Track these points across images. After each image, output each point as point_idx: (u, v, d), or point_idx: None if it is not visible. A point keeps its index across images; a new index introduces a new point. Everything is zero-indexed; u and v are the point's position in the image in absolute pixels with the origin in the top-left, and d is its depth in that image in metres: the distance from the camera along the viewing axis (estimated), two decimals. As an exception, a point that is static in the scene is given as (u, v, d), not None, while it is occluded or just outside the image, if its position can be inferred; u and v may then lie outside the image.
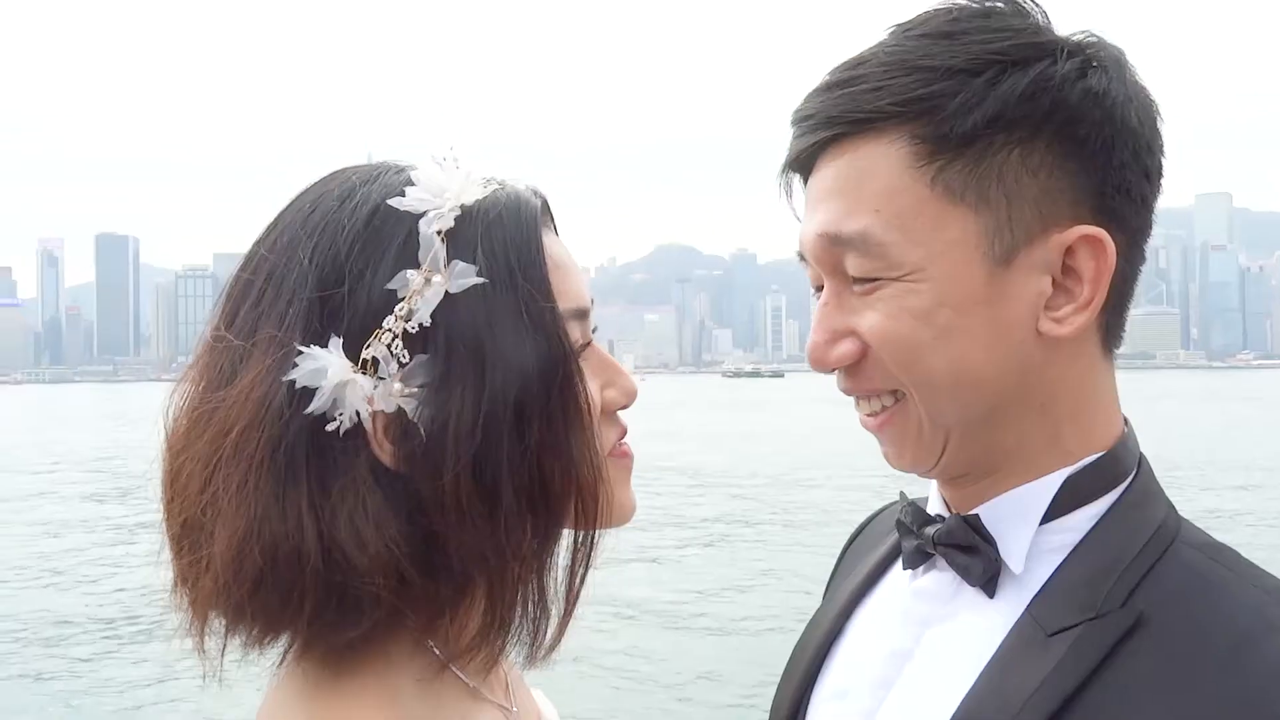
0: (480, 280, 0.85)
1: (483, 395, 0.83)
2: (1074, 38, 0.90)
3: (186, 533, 0.85)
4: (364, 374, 0.83)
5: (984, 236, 0.87)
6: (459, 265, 0.85)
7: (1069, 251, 0.88)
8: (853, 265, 0.90)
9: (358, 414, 0.83)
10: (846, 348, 0.92)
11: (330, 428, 0.82)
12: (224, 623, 0.86)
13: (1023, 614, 0.88)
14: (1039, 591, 0.88)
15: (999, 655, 0.86)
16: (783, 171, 0.98)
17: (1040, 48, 0.88)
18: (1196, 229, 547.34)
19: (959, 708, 0.85)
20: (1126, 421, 0.97)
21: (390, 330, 0.83)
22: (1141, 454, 0.96)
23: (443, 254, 0.85)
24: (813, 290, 0.98)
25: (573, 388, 0.87)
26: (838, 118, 0.90)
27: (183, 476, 0.85)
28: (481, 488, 0.83)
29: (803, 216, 0.96)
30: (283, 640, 0.87)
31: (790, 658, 1.11)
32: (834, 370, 0.94)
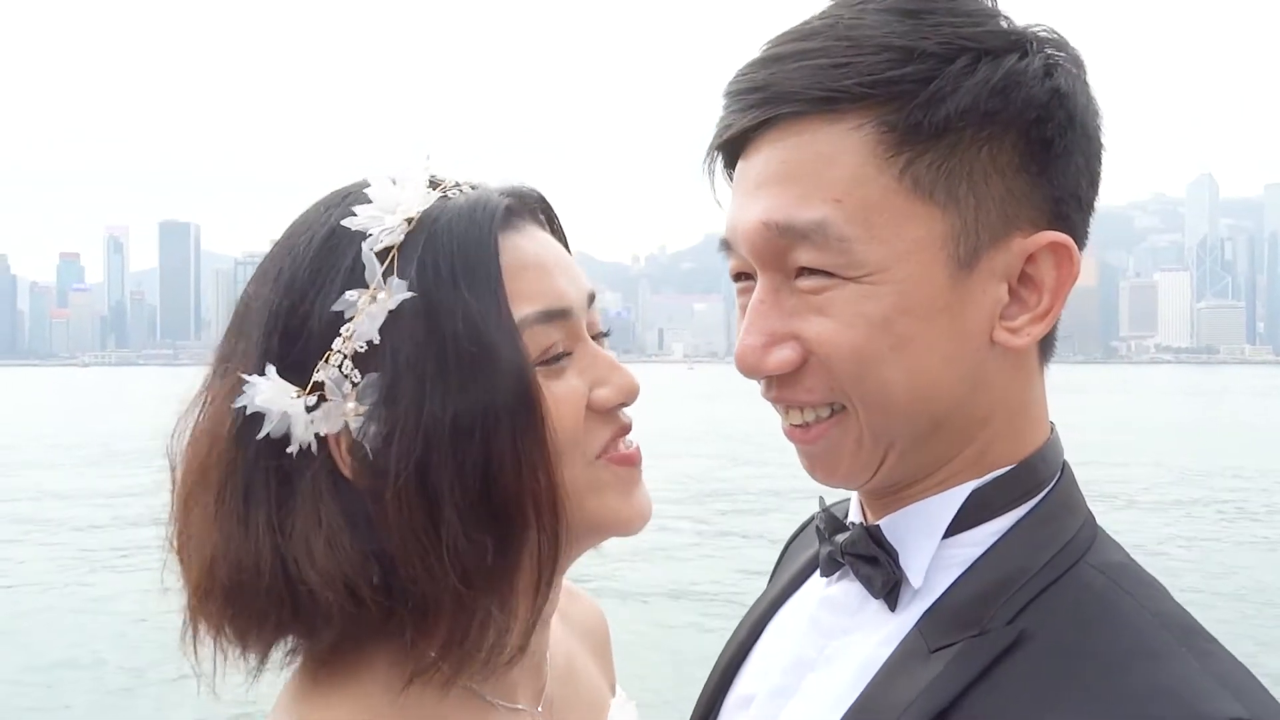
0: (410, 295, 0.85)
1: (423, 409, 0.83)
2: (1039, 32, 0.85)
3: (179, 557, 0.91)
4: (312, 396, 0.85)
5: (950, 238, 0.81)
6: (394, 281, 0.85)
7: (1030, 259, 0.84)
8: (805, 258, 0.82)
9: (318, 434, 0.86)
10: (785, 354, 0.84)
11: (290, 449, 0.86)
12: (210, 637, 0.90)
13: (912, 628, 0.85)
14: (930, 607, 0.85)
15: (882, 670, 0.84)
16: (712, 149, 0.89)
17: (1009, 38, 0.82)
18: (1265, 219, 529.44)
19: None
20: (1053, 428, 0.92)
21: (340, 352, 0.85)
22: (1065, 463, 0.91)
23: (379, 271, 0.85)
24: (734, 281, 0.91)
25: (525, 395, 0.85)
26: (795, 93, 0.82)
27: (175, 502, 0.92)
28: (425, 503, 0.83)
29: (735, 201, 0.88)
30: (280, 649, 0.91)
31: (713, 665, 1.08)
32: (765, 377, 0.87)
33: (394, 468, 0.83)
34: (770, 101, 0.83)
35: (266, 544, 0.84)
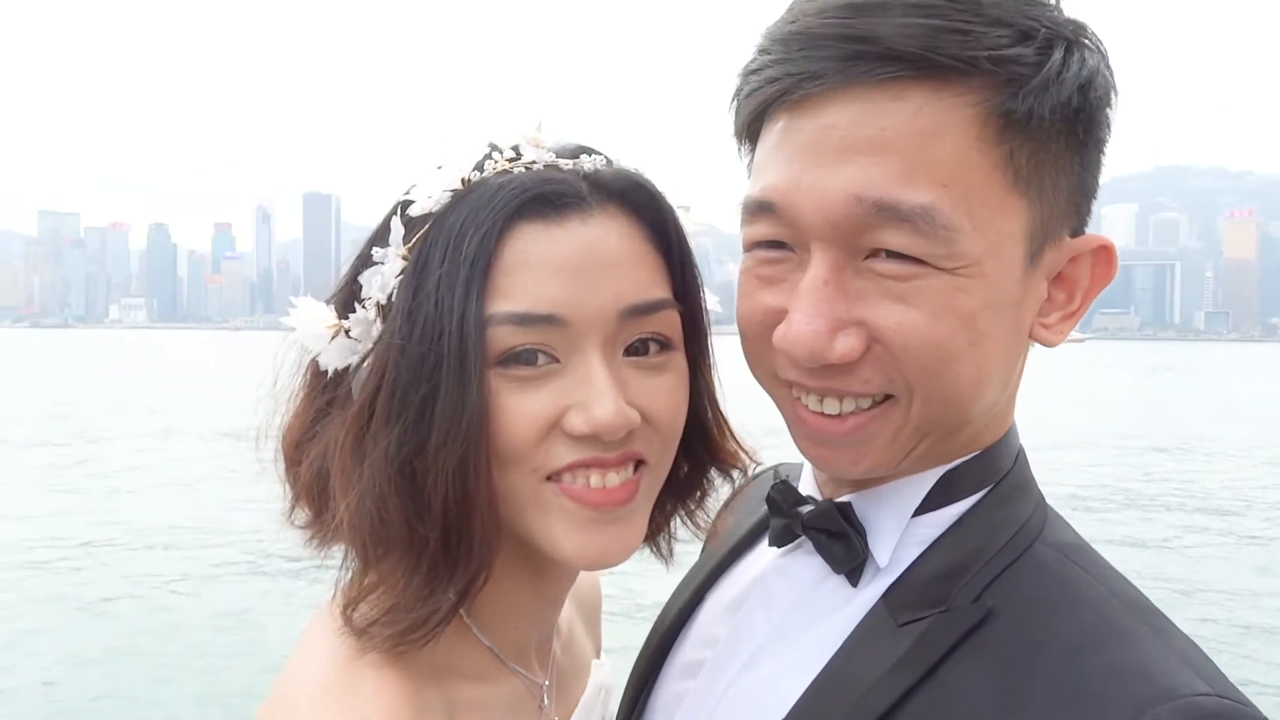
0: (404, 264, 0.88)
1: (385, 367, 0.87)
2: (1080, 20, 0.79)
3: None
4: (334, 328, 0.93)
5: (1029, 232, 0.77)
6: (399, 249, 0.90)
7: (1072, 259, 0.81)
8: (896, 242, 0.75)
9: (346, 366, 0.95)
10: (850, 343, 0.77)
11: (327, 374, 0.97)
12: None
13: (877, 602, 0.84)
14: (895, 581, 0.84)
15: (849, 642, 0.83)
16: (777, 99, 0.77)
17: (1075, 28, 0.77)
18: None
19: (805, 692, 0.82)
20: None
21: (373, 299, 0.91)
22: (1020, 447, 0.90)
23: (401, 235, 0.90)
24: (756, 250, 0.82)
25: (458, 389, 0.83)
26: (906, 52, 0.71)
27: None
28: (356, 445, 0.87)
29: (799, 161, 0.76)
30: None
31: (650, 630, 1.05)
32: (817, 364, 0.79)
33: (356, 403, 0.89)
34: (874, 56, 0.72)
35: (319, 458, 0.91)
